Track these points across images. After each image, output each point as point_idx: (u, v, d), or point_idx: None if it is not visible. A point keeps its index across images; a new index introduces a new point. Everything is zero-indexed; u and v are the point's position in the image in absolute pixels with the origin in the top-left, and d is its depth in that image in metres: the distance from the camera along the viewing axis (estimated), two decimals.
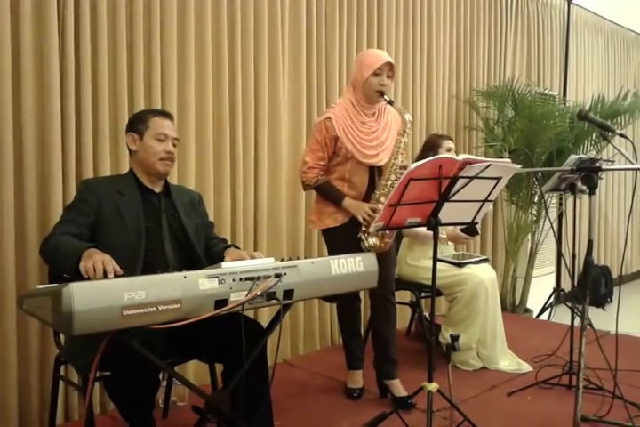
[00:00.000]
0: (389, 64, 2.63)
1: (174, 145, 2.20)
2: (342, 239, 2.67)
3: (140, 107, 2.78)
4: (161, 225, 2.15)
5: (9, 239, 2.44)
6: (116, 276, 1.69)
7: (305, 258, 1.92)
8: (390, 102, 2.62)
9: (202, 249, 2.24)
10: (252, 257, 2.04)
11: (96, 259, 1.72)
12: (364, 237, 2.64)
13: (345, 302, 2.88)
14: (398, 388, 2.82)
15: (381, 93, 2.62)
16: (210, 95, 3.08)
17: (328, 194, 2.72)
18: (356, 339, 2.97)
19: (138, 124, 2.18)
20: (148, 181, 2.19)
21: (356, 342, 2.97)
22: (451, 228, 3.30)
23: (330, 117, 2.65)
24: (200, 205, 2.36)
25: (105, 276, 1.68)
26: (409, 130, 2.67)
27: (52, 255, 1.93)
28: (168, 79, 2.90)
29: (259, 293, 1.69)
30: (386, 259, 2.76)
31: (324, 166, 2.71)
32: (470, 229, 3.18)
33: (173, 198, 2.23)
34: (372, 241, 2.63)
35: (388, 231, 2.63)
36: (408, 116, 2.64)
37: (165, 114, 2.23)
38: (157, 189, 2.22)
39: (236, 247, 2.30)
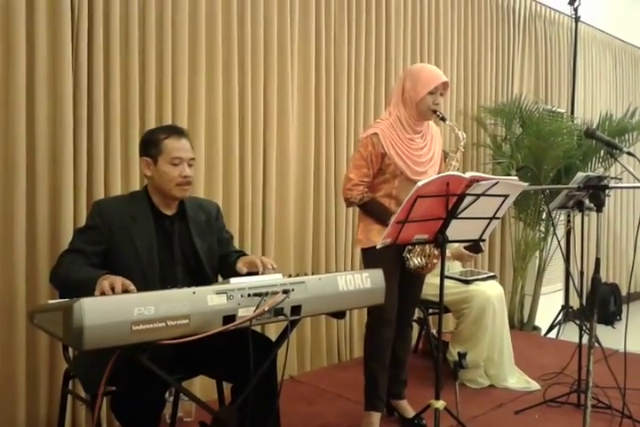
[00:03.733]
0: (444, 82, 2.58)
1: (190, 165, 2.13)
2: (388, 260, 2.46)
3: (151, 117, 2.82)
4: (173, 252, 2.14)
5: (20, 253, 2.46)
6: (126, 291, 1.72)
7: (312, 274, 1.93)
8: (443, 119, 2.56)
9: (214, 271, 2.22)
10: (263, 261, 2.04)
11: (113, 279, 1.75)
12: (408, 257, 2.56)
13: (377, 333, 2.65)
14: (407, 409, 2.81)
15: (434, 111, 2.56)
16: (220, 106, 3.11)
17: (375, 212, 2.59)
18: (384, 375, 2.68)
19: (150, 147, 2.11)
20: (162, 205, 2.15)
21: (384, 378, 2.68)
22: (455, 245, 3.30)
23: (376, 133, 2.54)
24: (218, 218, 2.31)
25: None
26: (462, 147, 2.61)
27: (65, 286, 1.94)
28: (179, 90, 2.94)
29: (266, 308, 1.69)
30: (419, 280, 2.76)
31: (368, 183, 2.59)
32: (474, 246, 3.17)
33: (188, 220, 2.19)
34: (417, 261, 2.56)
35: (436, 252, 2.55)
36: (461, 134, 2.58)
37: (178, 132, 2.15)
38: (171, 212, 2.18)
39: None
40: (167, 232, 2.15)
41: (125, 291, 1.74)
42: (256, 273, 2.01)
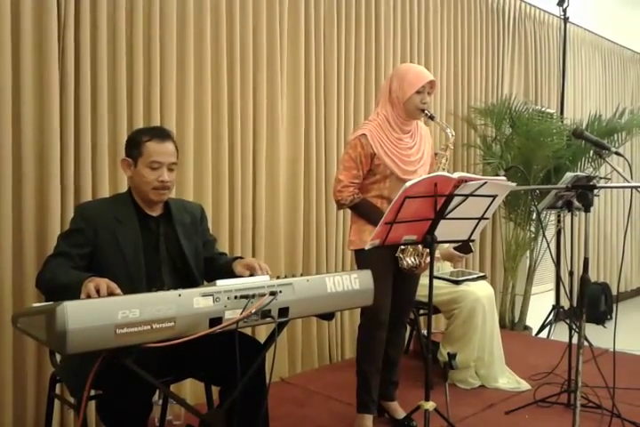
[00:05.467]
0: (431, 81, 2.57)
1: (171, 170, 2.09)
2: (381, 261, 2.50)
3: (139, 121, 2.79)
4: (159, 252, 2.12)
5: (6, 256, 2.44)
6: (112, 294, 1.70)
7: (302, 275, 1.92)
8: (432, 117, 2.54)
9: (201, 272, 2.21)
10: (261, 266, 2.03)
11: (99, 281, 1.73)
12: (401, 257, 2.56)
13: (371, 334, 2.64)
14: (397, 410, 2.79)
15: (422, 110, 2.56)
16: (209, 107, 3.09)
17: (366, 212, 2.58)
18: (377, 377, 2.67)
19: (132, 148, 2.08)
20: (146, 206, 2.13)
21: (377, 379, 2.68)
22: (445, 246, 3.30)
23: (365, 134, 2.54)
24: (202, 221, 2.29)
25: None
26: (451, 145, 2.61)
27: (51, 290, 1.92)
28: (167, 95, 2.92)
29: (253, 311, 1.68)
30: (414, 281, 2.74)
31: (358, 184, 2.59)
32: (464, 247, 3.16)
33: (174, 221, 2.17)
34: (411, 260, 2.56)
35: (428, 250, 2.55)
36: (450, 131, 2.58)
37: (162, 135, 2.09)
38: (156, 213, 2.16)
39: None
40: (153, 233, 2.13)
41: (111, 294, 1.72)
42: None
